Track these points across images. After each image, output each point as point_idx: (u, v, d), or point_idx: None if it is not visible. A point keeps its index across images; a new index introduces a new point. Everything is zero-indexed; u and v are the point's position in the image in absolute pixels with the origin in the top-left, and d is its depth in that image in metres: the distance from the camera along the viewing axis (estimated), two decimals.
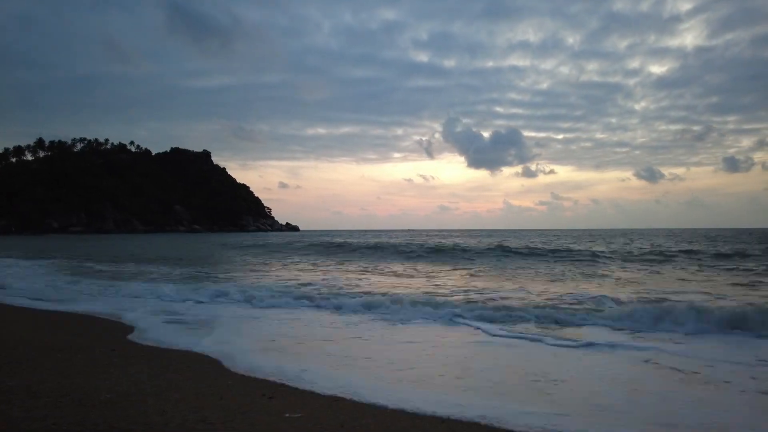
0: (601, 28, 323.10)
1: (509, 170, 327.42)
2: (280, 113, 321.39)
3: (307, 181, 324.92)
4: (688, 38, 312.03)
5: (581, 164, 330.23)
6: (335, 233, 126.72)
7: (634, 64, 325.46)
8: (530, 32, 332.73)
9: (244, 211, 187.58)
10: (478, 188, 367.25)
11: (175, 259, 28.63)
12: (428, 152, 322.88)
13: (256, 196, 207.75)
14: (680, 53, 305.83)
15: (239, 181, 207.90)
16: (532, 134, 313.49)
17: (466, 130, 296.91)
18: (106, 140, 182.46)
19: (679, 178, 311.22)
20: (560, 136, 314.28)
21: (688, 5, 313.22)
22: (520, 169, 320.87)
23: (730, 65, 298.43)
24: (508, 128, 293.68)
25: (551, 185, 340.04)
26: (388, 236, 73.45)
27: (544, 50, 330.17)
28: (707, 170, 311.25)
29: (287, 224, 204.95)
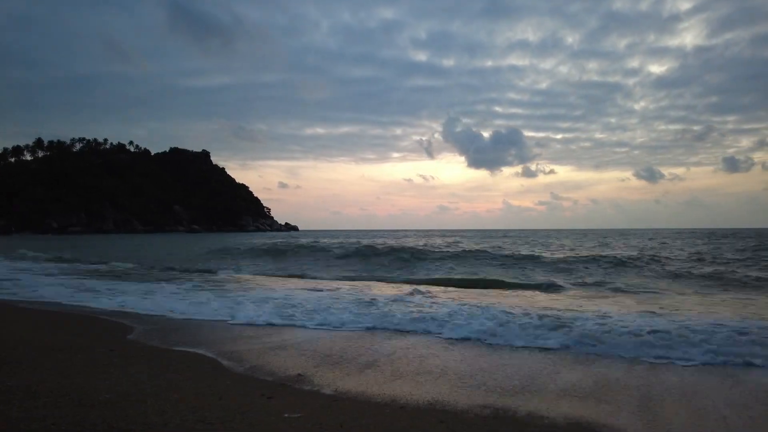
0: (600, 27, 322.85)
1: (509, 170, 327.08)
2: (278, 113, 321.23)
3: (306, 181, 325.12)
4: (687, 38, 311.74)
5: (580, 164, 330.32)
6: (335, 233, 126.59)
7: (633, 63, 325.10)
8: (529, 31, 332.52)
9: (243, 211, 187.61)
10: (477, 188, 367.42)
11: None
12: (428, 152, 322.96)
13: (255, 196, 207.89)
14: (680, 53, 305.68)
15: (239, 181, 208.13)
16: (531, 134, 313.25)
17: (465, 129, 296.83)
18: (105, 140, 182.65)
19: (678, 178, 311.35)
20: (559, 135, 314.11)
21: (687, 5, 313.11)
22: (520, 169, 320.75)
23: (729, 65, 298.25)
24: (508, 128, 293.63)
25: (550, 185, 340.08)
26: (373, 236, 73.31)
27: (543, 50, 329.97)
28: (707, 170, 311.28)
29: (286, 224, 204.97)
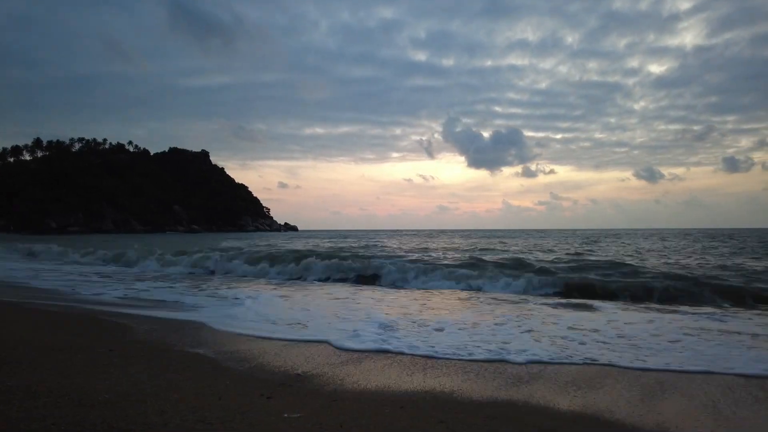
0: (600, 27, 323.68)
1: (509, 170, 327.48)
2: (278, 113, 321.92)
3: (305, 181, 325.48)
4: (687, 37, 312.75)
5: (580, 164, 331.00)
6: (335, 233, 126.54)
7: (633, 63, 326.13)
8: (529, 31, 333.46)
9: (243, 211, 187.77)
10: (477, 188, 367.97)
11: None
12: (428, 152, 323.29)
13: (254, 196, 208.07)
14: (679, 52, 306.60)
15: (238, 180, 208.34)
16: (530, 134, 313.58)
17: (465, 129, 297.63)
18: (104, 140, 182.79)
19: (678, 178, 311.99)
20: (559, 135, 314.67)
21: (687, 4, 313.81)
22: (520, 169, 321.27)
23: (729, 64, 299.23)
24: (508, 128, 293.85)
25: (550, 185, 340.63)
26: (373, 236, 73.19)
27: (543, 49, 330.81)
28: (707, 170, 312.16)
29: (286, 224, 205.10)
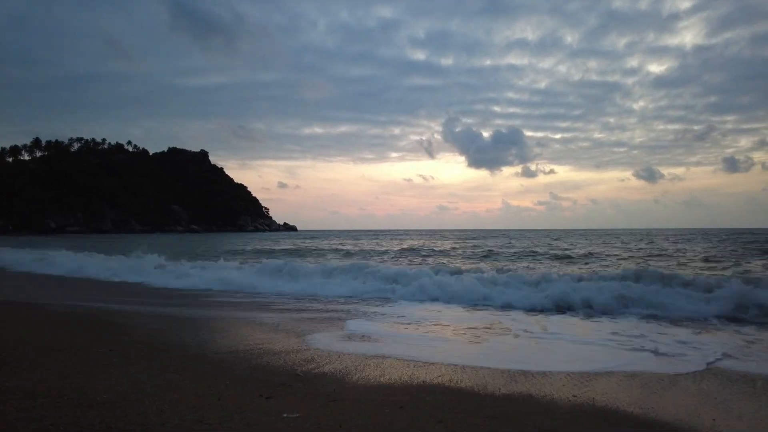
0: (599, 26, 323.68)
1: (509, 170, 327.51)
2: (277, 112, 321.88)
3: (305, 180, 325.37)
4: (687, 37, 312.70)
5: (580, 164, 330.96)
6: (334, 233, 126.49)
7: (632, 62, 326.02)
8: (528, 30, 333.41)
9: (242, 211, 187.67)
10: (477, 188, 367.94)
11: None
12: (428, 152, 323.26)
13: (254, 195, 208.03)
14: (679, 52, 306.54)
15: (237, 180, 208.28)
16: (530, 134, 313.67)
17: (465, 129, 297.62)
18: (103, 140, 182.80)
19: (678, 178, 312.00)
20: (558, 135, 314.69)
21: (687, 3, 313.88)
22: (519, 169, 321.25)
23: (729, 64, 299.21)
24: (508, 128, 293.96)
25: (550, 185, 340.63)
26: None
27: (542, 49, 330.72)
28: (706, 170, 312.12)
29: (285, 224, 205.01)
